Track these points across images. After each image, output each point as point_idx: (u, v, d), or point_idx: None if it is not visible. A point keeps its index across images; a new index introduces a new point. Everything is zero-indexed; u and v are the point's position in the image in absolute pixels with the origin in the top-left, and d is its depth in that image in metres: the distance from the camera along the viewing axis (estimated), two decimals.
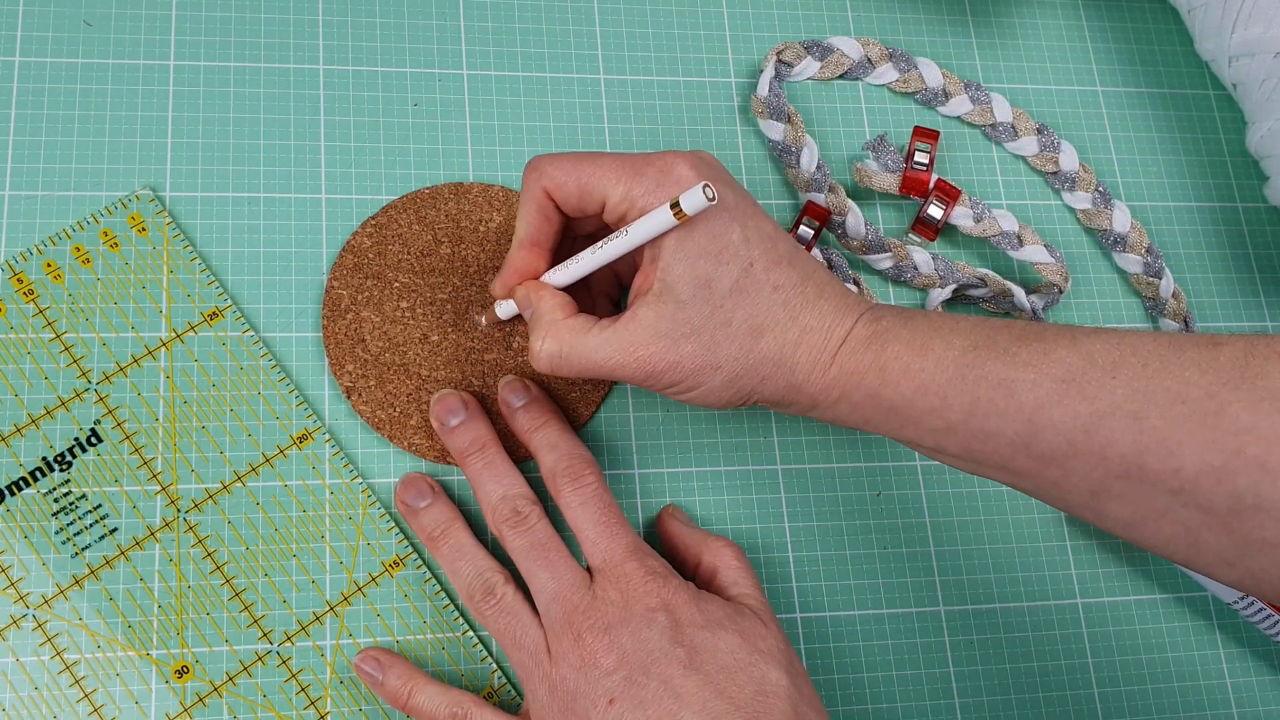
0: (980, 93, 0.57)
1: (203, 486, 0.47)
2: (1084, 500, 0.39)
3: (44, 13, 0.51)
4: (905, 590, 0.50)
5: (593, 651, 0.41)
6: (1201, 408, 0.36)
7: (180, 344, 0.48)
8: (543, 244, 0.45)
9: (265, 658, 0.45)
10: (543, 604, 0.43)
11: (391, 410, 0.48)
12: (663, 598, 0.42)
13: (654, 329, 0.42)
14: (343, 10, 0.54)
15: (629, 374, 0.42)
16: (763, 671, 0.41)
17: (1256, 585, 0.37)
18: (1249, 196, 0.59)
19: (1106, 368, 0.38)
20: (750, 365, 0.42)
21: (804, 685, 0.42)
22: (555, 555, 0.44)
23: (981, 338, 0.41)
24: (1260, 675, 0.51)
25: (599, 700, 0.41)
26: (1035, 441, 0.39)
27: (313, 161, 0.51)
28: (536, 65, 0.55)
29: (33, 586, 0.44)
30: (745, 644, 0.42)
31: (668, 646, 0.41)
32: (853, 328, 0.42)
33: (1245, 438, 0.35)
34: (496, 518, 0.45)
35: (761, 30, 0.57)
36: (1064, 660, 0.50)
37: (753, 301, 0.42)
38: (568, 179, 0.43)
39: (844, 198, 0.54)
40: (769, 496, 0.51)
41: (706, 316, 0.41)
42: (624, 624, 0.42)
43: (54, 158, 0.50)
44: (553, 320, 0.43)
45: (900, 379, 0.41)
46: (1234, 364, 0.36)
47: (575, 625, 0.42)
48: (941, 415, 0.40)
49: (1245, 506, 0.35)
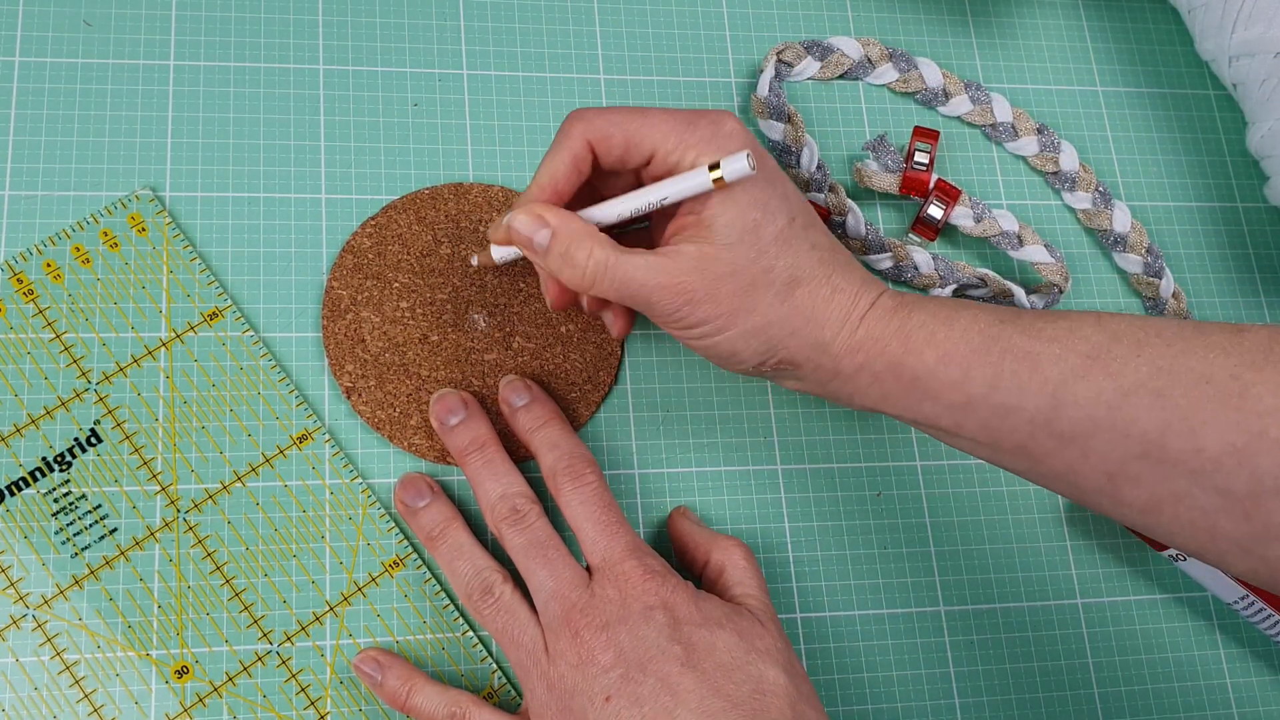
0: (980, 93, 0.57)
1: (203, 487, 0.47)
2: (1100, 484, 0.39)
3: (44, 13, 0.51)
4: (905, 590, 0.50)
5: (590, 649, 0.41)
6: (1226, 388, 0.36)
7: (180, 344, 0.48)
8: (562, 194, 0.44)
9: (265, 658, 0.45)
10: (541, 602, 0.43)
11: (391, 410, 0.48)
12: (661, 596, 0.42)
13: (697, 262, 0.41)
14: (343, 10, 0.54)
15: (667, 299, 0.41)
16: (760, 670, 0.41)
17: (1270, 573, 0.37)
18: (1249, 196, 0.59)
19: (1131, 345, 0.38)
20: (783, 315, 0.42)
21: (803, 684, 0.42)
22: (554, 554, 0.44)
23: (1007, 314, 0.41)
24: (1260, 675, 0.51)
25: (596, 697, 0.41)
26: (1057, 418, 0.39)
27: (313, 161, 0.51)
28: (536, 65, 0.55)
29: (32, 587, 0.44)
30: (743, 643, 0.42)
31: (665, 644, 0.41)
32: (879, 297, 0.43)
33: (1269, 420, 0.35)
34: (495, 516, 0.45)
35: (761, 30, 0.57)
36: (1064, 660, 0.50)
37: (794, 253, 0.42)
38: (615, 130, 0.42)
39: (844, 198, 0.54)
40: (769, 496, 0.51)
41: (751, 260, 0.41)
42: (622, 622, 0.42)
43: (54, 158, 0.50)
44: (593, 234, 0.42)
45: (924, 347, 0.41)
46: (1259, 347, 0.36)
47: (573, 623, 0.42)
48: (963, 388, 0.40)
49: (1265, 490, 0.35)
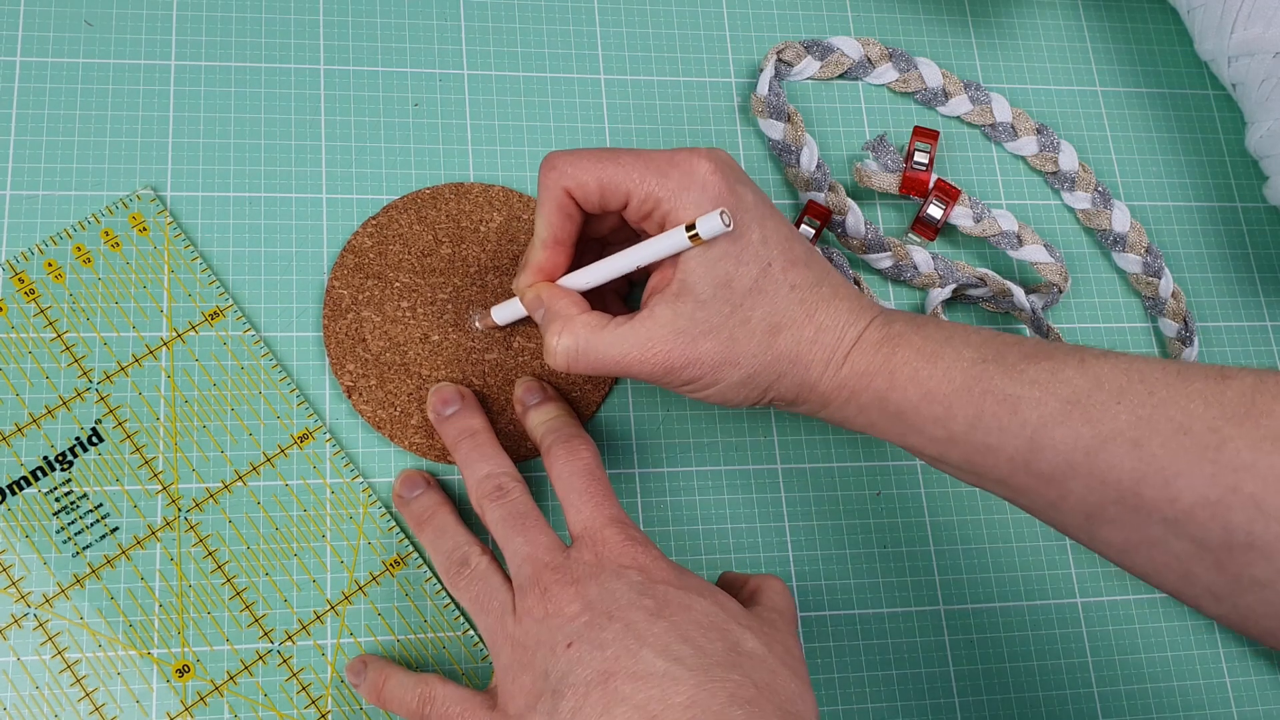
0: (980, 93, 0.57)
1: (204, 486, 0.47)
2: (1079, 522, 0.39)
3: (45, 13, 0.51)
4: (905, 590, 0.50)
5: (558, 603, 0.40)
6: (1203, 440, 0.36)
7: (181, 343, 0.48)
8: (565, 242, 0.44)
9: (266, 657, 0.45)
10: (514, 566, 0.42)
11: (392, 410, 0.48)
12: (639, 560, 0.41)
13: (672, 326, 0.41)
14: (343, 10, 0.54)
15: (646, 370, 0.42)
16: (739, 636, 0.39)
17: (1242, 622, 0.37)
18: (1248, 196, 0.59)
19: (1112, 392, 0.38)
20: (767, 362, 0.42)
21: (797, 666, 0.40)
22: (532, 523, 0.43)
23: (991, 351, 0.41)
24: (1260, 675, 0.52)
25: (558, 645, 0.39)
26: (1035, 459, 0.39)
27: (314, 161, 0.52)
28: (537, 65, 0.55)
29: (34, 586, 0.45)
30: (724, 613, 0.40)
31: (635, 597, 0.39)
32: (865, 330, 0.42)
33: (1243, 475, 0.35)
34: (479, 493, 0.44)
35: (761, 30, 0.57)
36: (1064, 660, 0.50)
37: (771, 300, 0.42)
38: (588, 178, 0.42)
39: (844, 197, 0.54)
40: (769, 496, 0.51)
41: (726, 315, 0.41)
42: (593, 578, 0.40)
43: (55, 157, 0.50)
44: (568, 316, 0.43)
45: (908, 384, 0.41)
46: (1240, 399, 0.36)
47: (543, 581, 0.40)
48: (945, 425, 0.40)
49: (1237, 543, 0.35)
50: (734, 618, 0.40)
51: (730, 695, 0.37)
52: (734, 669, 0.38)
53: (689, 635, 0.38)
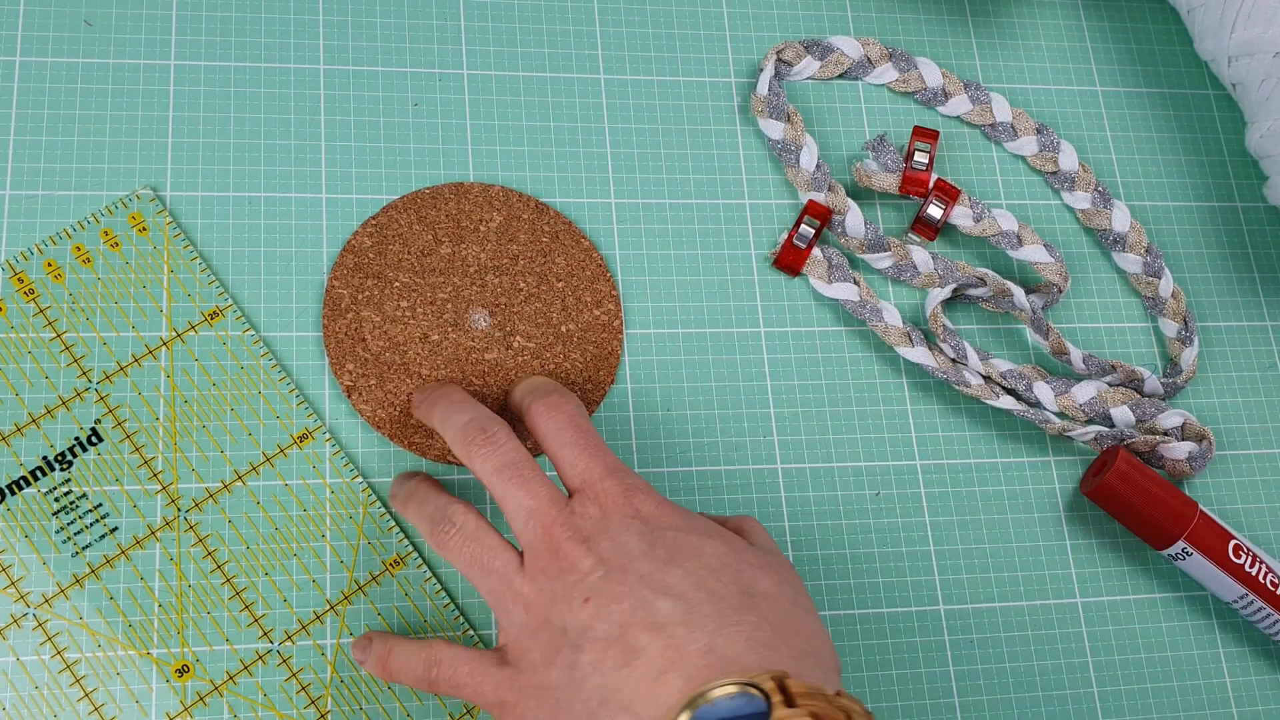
0: (980, 93, 0.57)
1: (203, 486, 0.47)
2: None
3: (44, 12, 0.51)
4: (905, 589, 0.50)
5: (571, 559, 0.39)
6: None
7: (181, 343, 0.48)
8: None
9: (266, 657, 0.45)
10: (519, 524, 0.41)
11: (392, 409, 0.48)
12: (644, 508, 0.41)
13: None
14: (343, 10, 0.54)
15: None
16: (752, 577, 0.39)
17: None
18: (1249, 196, 0.59)
19: None
20: None
21: (800, 596, 0.40)
22: (529, 472, 0.41)
23: None
24: (1260, 675, 0.51)
25: (575, 601, 0.38)
26: None
27: (313, 161, 0.52)
28: (536, 65, 0.55)
29: (33, 585, 0.45)
30: (733, 553, 0.40)
31: (645, 547, 0.39)
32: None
33: None
34: (464, 441, 0.43)
35: (761, 30, 0.57)
36: (1064, 659, 0.50)
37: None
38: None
39: (844, 197, 0.54)
40: (769, 496, 0.51)
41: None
42: (603, 532, 0.40)
43: (54, 157, 0.50)
44: None
45: None
46: None
47: (553, 538, 0.40)
48: None
49: None
50: (744, 558, 0.40)
51: (748, 639, 0.37)
52: (749, 610, 0.38)
53: (702, 581, 0.38)
